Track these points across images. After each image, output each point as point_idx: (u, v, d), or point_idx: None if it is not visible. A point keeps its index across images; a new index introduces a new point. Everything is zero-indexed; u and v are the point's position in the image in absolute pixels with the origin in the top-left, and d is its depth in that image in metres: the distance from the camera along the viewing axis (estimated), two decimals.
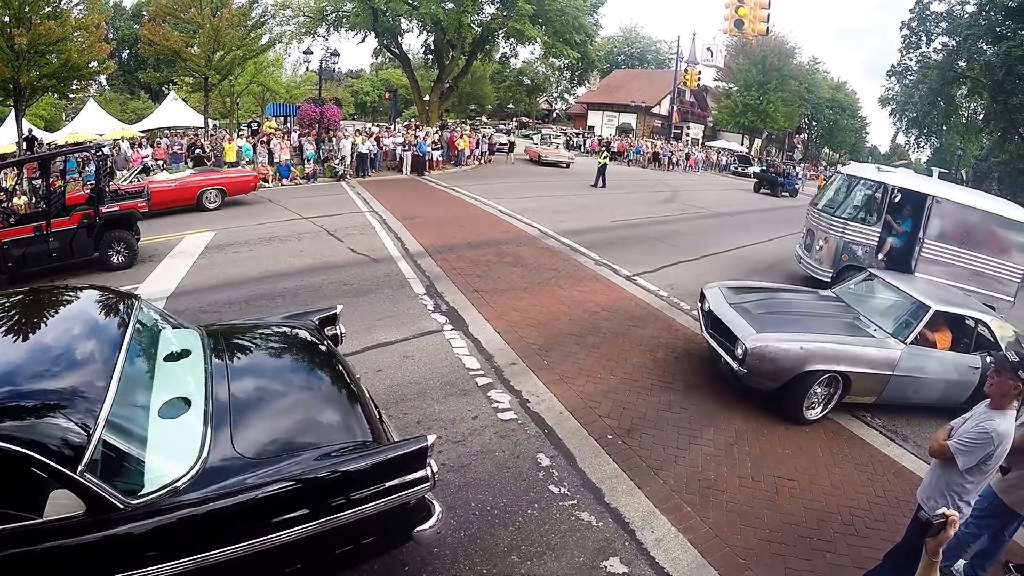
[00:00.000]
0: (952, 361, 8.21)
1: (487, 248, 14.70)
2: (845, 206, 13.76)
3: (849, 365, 7.67)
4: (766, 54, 63.17)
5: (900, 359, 7.83)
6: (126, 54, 66.60)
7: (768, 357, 7.48)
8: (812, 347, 7.56)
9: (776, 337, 7.64)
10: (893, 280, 9.49)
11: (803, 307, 9.08)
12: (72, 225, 12.23)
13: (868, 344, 7.91)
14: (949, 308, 8.56)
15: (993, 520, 4.99)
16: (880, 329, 8.30)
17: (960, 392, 8.31)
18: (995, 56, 36.82)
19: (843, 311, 9.03)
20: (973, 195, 14.09)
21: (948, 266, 12.88)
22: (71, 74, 25.26)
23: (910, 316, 8.40)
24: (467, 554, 4.98)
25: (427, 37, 47.45)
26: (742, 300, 8.95)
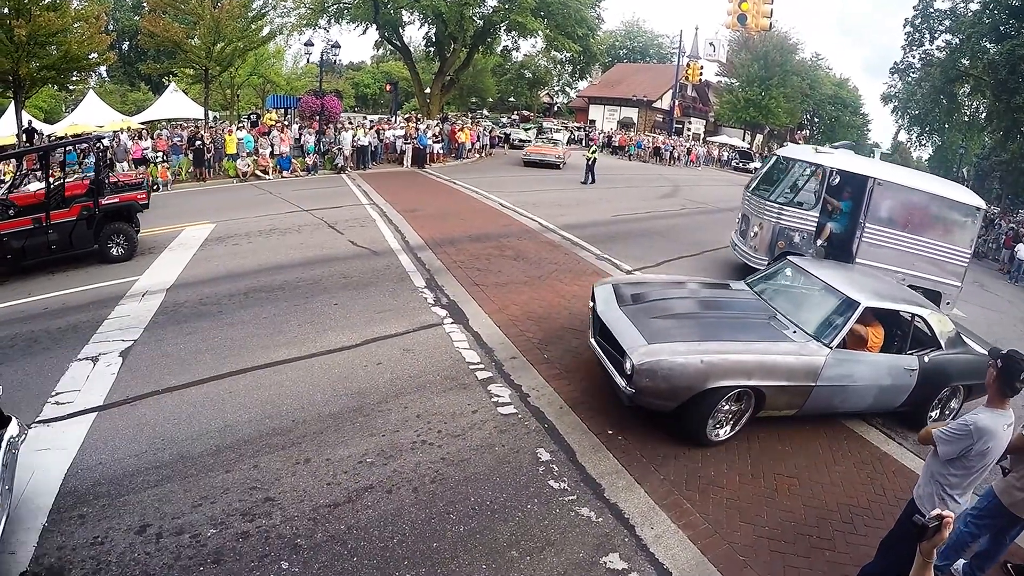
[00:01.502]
0: (885, 364, 7.38)
1: (488, 242, 14.67)
2: (781, 190, 13.14)
3: (762, 378, 6.63)
4: (768, 49, 63.01)
5: (824, 366, 6.86)
6: (126, 45, 66.27)
7: (660, 375, 6.31)
8: (715, 359, 6.45)
9: (671, 349, 6.50)
10: (816, 270, 8.46)
11: (709, 307, 8.13)
12: (72, 217, 12.19)
13: (785, 351, 6.87)
14: (881, 303, 7.60)
15: (992, 521, 4.99)
16: (800, 331, 7.27)
17: (894, 397, 7.60)
18: (998, 55, 36.73)
19: (757, 309, 7.95)
20: (917, 176, 13.67)
21: (892, 251, 12.34)
22: (71, 65, 25.23)
23: (836, 314, 7.42)
24: (467, 548, 4.98)
25: (428, 29, 47.33)
26: (636, 301, 7.79)
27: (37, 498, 5.25)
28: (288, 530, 5.03)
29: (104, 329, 9.04)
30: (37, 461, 5.78)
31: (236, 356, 8.15)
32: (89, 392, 7.15)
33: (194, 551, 4.75)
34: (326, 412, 6.86)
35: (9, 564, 4.55)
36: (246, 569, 4.62)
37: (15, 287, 11.11)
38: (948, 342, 7.88)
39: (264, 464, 5.85)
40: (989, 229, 30.88)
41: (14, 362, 7.94)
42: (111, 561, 4.61)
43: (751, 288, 8.67)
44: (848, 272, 9.10)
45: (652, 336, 6.73)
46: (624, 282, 8.72)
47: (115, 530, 4.93)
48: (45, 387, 7.25)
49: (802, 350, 6.95)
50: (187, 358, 8.07)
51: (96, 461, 5.81)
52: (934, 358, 7.63)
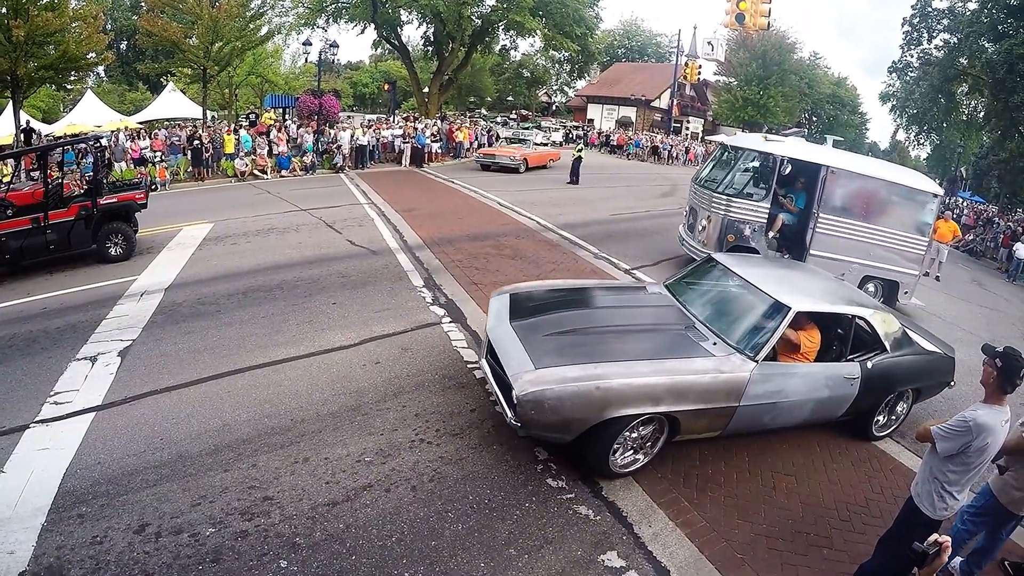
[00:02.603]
0: (822, 375, 6.62)
1: (486, 241, 14.68)
2: (729, 180, 12.61)
3: (673, 403, 5.77)
4: (767, 49, 63.02)
5: (749, 383, 6.04)
6: (124, 45, 66.28)
7: (548, 406, 5.42)
8: (614, 385, 5.55)
9: (561, 374, 5.57)
10: (741, 269, 7.56)
11: (617, 318, 7.10)
12: (70, 217, 12.19)
13: (701, 369, 5.99)
14: (816, 305, 6.86)
15: (989, 519, 5.00)
16: (722, 342, 6.44)
17: (834, 408, 6.91)
18: (996, 54, 36.73)
19: (673, 318, 7.07)
20: (871, 163, 13.36)
21: (847, 241, 12.04)
22: (69, 65, 25.19)
23: (763, 321, 6.60)
24: (465, 547, 4.99)
25: (427, 29, 47.35)
26: (533, 313, 6.91)
27: (36, 498, 5.25)
28: (287, 529, 5.03)
29: (102, 329, 9.04)
30: (36, 461, 5.78)
31: (234, 355, 8.16)
32: (88, 392, 7.15)
33: (193, 550, 4.76)
34: (324, 411, 6.86)
35: (8, 563, 4.56)
36: (245, 568, 4.63)
37: (13, 287, 11.10)
38: (894, 343, 7.18)
39: (263, 463, 5.85)
40: (987, 228, 30.90)
41: (13, 362, 7.94)
42: (110, 560, 4.62)
43: (670, 292, 7.79)
44: (780, 270, 8.35)
45: (541, 358, 5.82)
46: (526, 290, 7.80)
47: (114, 529, 4.93)
48: (43, 387, 7.25)
49: (722, 366, 6.08)
50: (185, 358, 8.07)
51: (95, 461, 5.81)
52: (878, 363, 6.92)
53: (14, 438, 6.18)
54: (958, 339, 11.98)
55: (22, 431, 6.31)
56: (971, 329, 13.21)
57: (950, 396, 9.15)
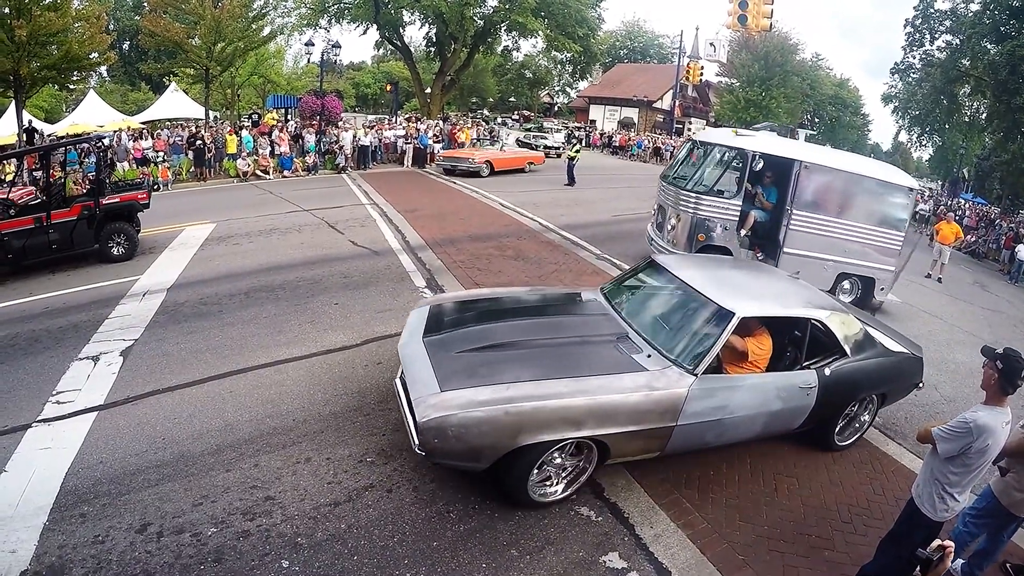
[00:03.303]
0: (773, 386, 6.05)
1: (488, 241, 14.68)
2: (699, 177, 12.19)
3: (597, 426, 5.21)
4: (769, 50, 63.02)
5: (687, 400, 5.46)
6: (127, 45, 66.30)
7: (452, 434, 4.87)
8: (527, 409, 4.97)
9: (467, 398, 5.01)
10: (681, 271, 6.95)
11: (543, 330, 6.31)
12: (72, 217, 12.21)
13: (631, 387, 5.38)
14: (764, 309, 6.28)
15: (991, 520, 5.00)
16: (658, 354, 5.83)
17: (789, 421, 6.38)
18: (999, 55, 36.74)
19: (606, 328, 6.41)
20: (845, 157, 13.03)
21: (821, 238, 11.76)
22: (71, 65, 25.27)
23: (704, 329, 5.99)
24: (467, 548, 4.99)
25: (429, 29, 47.45)
26: (449, 327, 6.33)
27: (38, 497, 5.26)
28: (289, 529, 5.04)
29: (105, 328, 9.05)
30: (38, 460, 5.80)
31: (237, 355, 8.16)
32: (90, 391, 7.16)
33: (195, 550, 4.76)
34: (326, 411, 6.86)
35: (10, 562, 4.56)
36: (247, 568, 4.63)
37: (16, 286, 11.13)
38: (855, 347, 6.67)
39: (265, 463, 5.86)
40: (989, 229, 30.87)
41: (15, 361, 7.95)
42: (112, 560, 4.62)
43: (606, 298, 7.14)
44: (727, 271, 7.79)
45: (449, 379, 5.26)
46: (447, 301, 7.34)
47: (116, 529, 4.93)
48: (46, 386, 7.27)
49: (656, 382, 5.47)
50: (188, 357, 8.08)
51: (97, 460, 5.82)
52: (838, 369, 6.43)
53: (16, 437, 6.19)
54: (960, 341, 12.02)
55: (24, 430, 6.32)
56: (973, 331, 13.18)
57: (952, 398, 9.18)
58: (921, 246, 24.58)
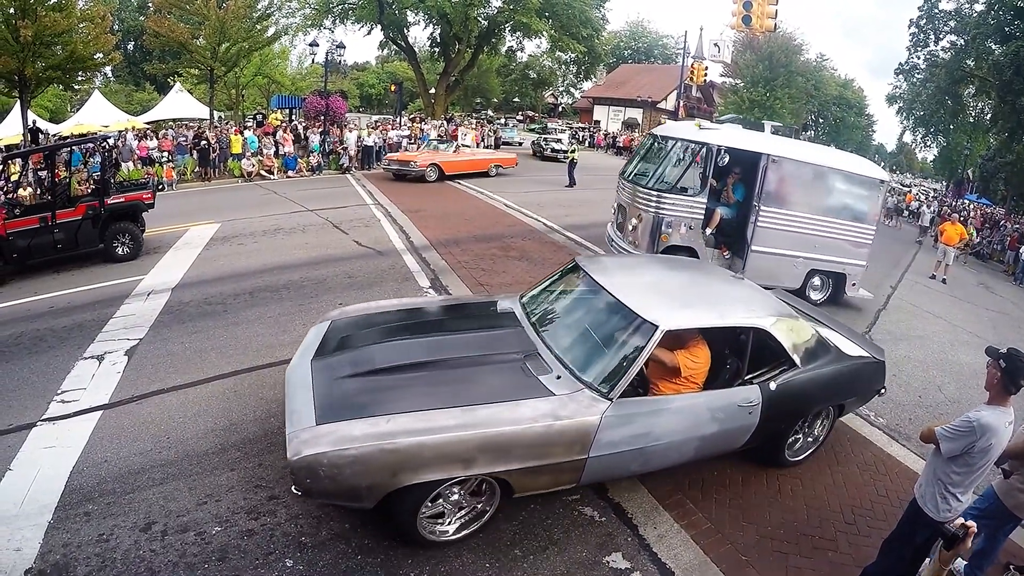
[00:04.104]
0: (706, 407, 5.44)
1: (492, 242, 14.68)
2: (661, 174, 11.63)
3: (491, 463, 4.63)
4: (773, 50, 62.83)
5: (600, 429, 4.85)
6: (131, 45, 66.46)
7: (324, 473, 4.31)
8: (406, 445, 4.39)
9: (343, 433, 4.42)
10: (604, 276, 6.19)
11: (446, 348, 5.67)
12: (77, 216, 12.25)
13: (532, 415, 4.73)
14: (694, 320, 5.62)
15: (992, 521, 4.98)
16: (569, 374, 5.18)
17: (729, 442, 5.81)
18: (1003, 56, 36.67)
19: (515, 343, 5.74)
20: (814, 150, 12.60)
21: (791, 235, 11.41)
22: (76, 65, 25.34)
23: (623, 344, 5.33)
24: (470, 548, 4.99)
25: (433, 30, 47.49)
26: (342, 348, 5.73)
27: (42, 495, 5.27)
28: (293, 528, 5.04)
29: (109, 328, 9.08)
30: (43, 458, 5.82)
31: (241, 355, 8.18)
32: (94, 390, 7.18)
33: (199, 548, 4.77)
34: None
35: (15, 560, 4.58)
36: (251, 567, 4.64)
37: (21, 286, 11.17)
38: (806, 355, 6.07)
39: (269, 462, 5.86)
40: (994, 230, 30.80)
41: (20, 360, 7.98)
42: (116, 558, 4.63)
43: (524, 308, 6.44)
44: (656, 274, 6.98)
45: (328, 410, 4.68)
46: (350, 315, 6.65)
47: (120, 527, 4.95)
48: (51, 385, 7.29)
49: (562, 409, 4.82)
50: (192, 357, 8.10)
51: (101, 459, 5.84)
52: (786, 382, 5.85)
53: (21, 436, 6.21)
54: (964, 342, 12.01)
55: (29, 429, 6.34)
56: (977, 332, 13.16)
57: (956, 399, 9.16)
58: (926, 247, 24.58)
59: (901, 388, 9.36)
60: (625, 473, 5.49)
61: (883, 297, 14.49)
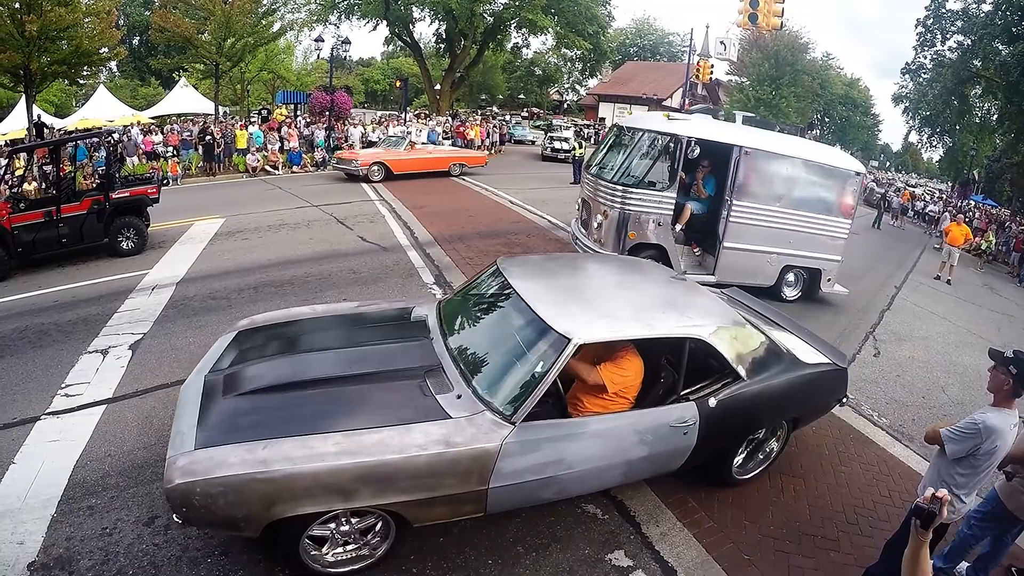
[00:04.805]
0: (630, 430, 4.90)
1: (497, 238, 14.68)
2: (627, 168, 11.04)
3: (375, 494, 4.19)
4: (779, 48, 62.69)
5: (501, 457, 4.36)
6: (137, 40, 66.51)
7: (198, 503, 3.92)
8: (281, 475, 3.96)
9: (219, 459, 3.99)
10: (521, 280, 5.61)
11: (346, 362, 5.14)
12: (82, 211, 12.27)
13: (420, 442, 4.24)
14: (614, 331, 5.02)
15: (995, 524, 4.98)
16: (471, 393, 4.68)
17: (662, 464, 5.30)
18: (1010, 56, 36.49)
19: (419, 357, 5.21)
20: (788, 141, 11.98)
21: (764, 230, 11.09)
22: (81, 60, 25.34)
23: (532, 359, 4.78)
24: (472, 544, 5.00)
25: (439, 26, 47.49)
26: (242, 360, 5.23)
27: (46, 489, 5.29)
28: None
29: (114, 322, 9.10)
30: (46, 452, 5.83)
31: None
32: (99, 384, 7.20)
33: (202, 543, 4.78)
34: None
35: (18, 553, 4.59)
36: (254, 561, 4.64)
37: (26, 280, 11.19)
38: (753, 366, 5.52)
39: None
40: (1000, 231, 30.72)
41: (24, 354, 7.99)
42: (119, 552, 4.65)
43: (439, 316, 5.85)
44: (583, 277, 6.36)
45: (209, 433, 4.27)
46: (258, 324, 6.16)
47: (124, 521, 4.96)
48: (55, 379, 7.31)
49: (456, 435, 4.33)
50: (196, 351, 8.07)
51: (105, 453, 5.85)
52: (728, 397, 5.31)
53: (25, 429, 6.23)
54: (968, 343, 11.99)
55: (33, 423, 6.36)
56: (981, 333, 13.13)
57: (959, 400, 9.14)
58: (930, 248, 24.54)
59: (905, 389, 9.36)
60: (539, 501, 4.95)
61: (887, 297, 14.48)
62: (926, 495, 2.88)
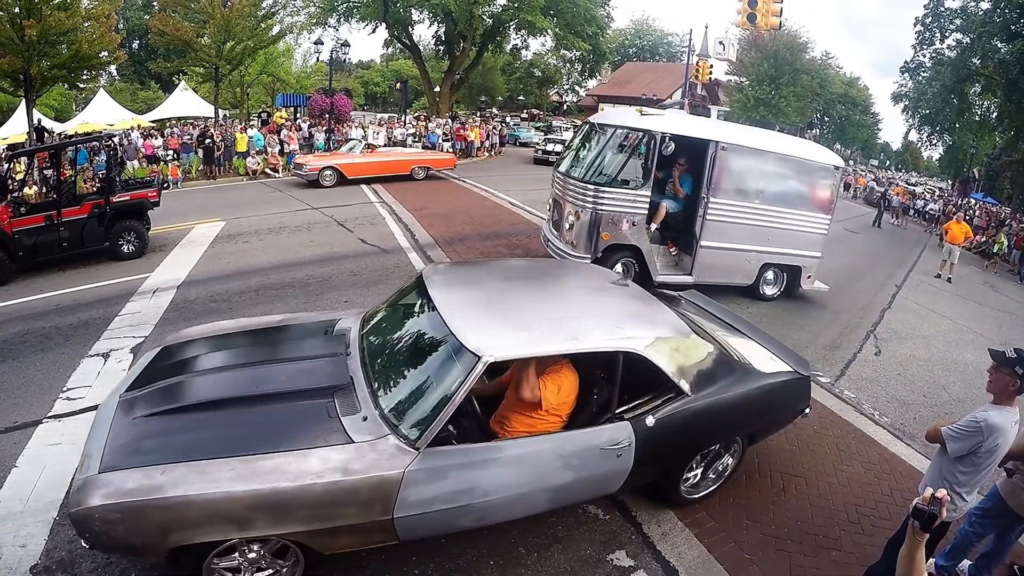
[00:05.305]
0: (552, 454, 4.55)
1: (497, 240, 14.68)
2: (600, 166, 10.63)
3: (273, 524, 3.95)
4: (778, 48, 62.66)
5: (404, 486, 4.06)
6: (136, 44, 66.62)
7: (97, 529, 3.77)
8: (175, 502, 3.76)
9: (118, 484, 3.81)
10: (438, 288, 5.22)
11: (262, 379, 4.86)
12: (83, 215, 12.28)
13: (319, 469, 3.97)
14: (534, 347, 4.58)
15: (997, 521, 4.98)
16: (379, 415, 4.34)
17: (596, 488, 4.99)
18: (1009, 54, 36.50)
19: (330, 375, 4.85)
20: (765, 136, 11.80)
21: (742, 228, 10.87)
22: (81, 64, 25.30)
23: (440, 378, 4.44)
24: (474, 544, 5.00)
25: (438, 28, 47.41)
26: (161, 377, 4.92)
27: (48, 492, 5.30)
28: None
29: (115, 326, 9.12)
30: (48, 456, 5.84)
31: None
32: (100, 388, 7.18)
33: None
34: None
35: (20, 556, 4.60)
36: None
37: (27, 284, 11.21)
38: (699, 380, 5.13)
39: None
40: (1000, 230, 30.67)
41: (26, 358, 8.01)
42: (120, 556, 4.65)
43: (362, 330, 5.46)
44: (508, 284, 5.67)
45: (115, 456, 4.04)
46: (183, 339, 5.81)
47: None
48: (56, 383, 7.33)
49: (354, 462, 4.04)
50: None
51: None
52: (669, 415, 4.94)
53: (27, 433, 6.25)
54: (969, 341, 11.98)
55: (35, 426, 6.38)
56: (982, 331, 13.12)
57: (961, 399, 9.13)
58: (931, 246, 24.52)
59: (906, 387, 9.36)
60: (459, 529, 4.59)
61: (888, 296, 14.47)
62: (925, 495, 2.87)
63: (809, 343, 10.33)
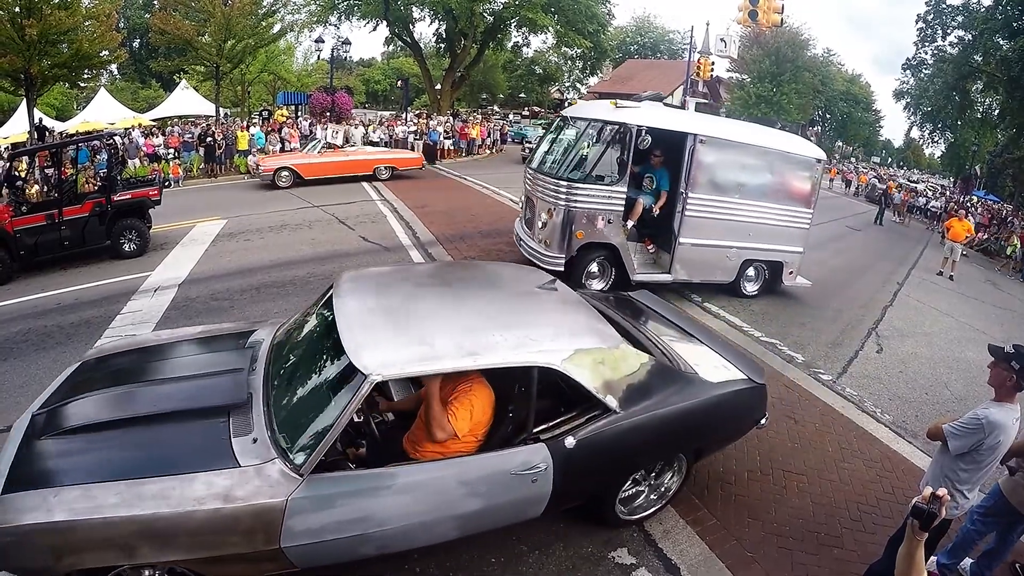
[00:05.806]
0: (454, 480, 4.19)
1: (498, 237, 14.66)
2: (572, 161, 10.30)
3: (157, 551, 3.70)
4: (780, 45, 62.60)
5: (288, 514, 3.78)
6: (137, 43, 66.52)
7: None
8: (62, 527, 3.58)
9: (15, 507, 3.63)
10: (342, 297, 4.86)
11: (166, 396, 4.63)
12: (84, 213, 12.29)
13: (203, 495, 3.72)
14: (432, 363, 4.13)
15: (999, 519, 4.98)
16: (269, 437, 4.06)
17: (513, 513, 4.57)
18: (1012, 51, 36.42)
19: (230, 391, 4.51)
20: (744, 128, 11.42)
21: (722, 224, 10.56)
22: (82, 63, 25.38)
23: (327, 397, 4.21)
24: (476, 542, 4.98)
25: (439, 26, 47.48)
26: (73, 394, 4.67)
27: None
28: None
29: (116, 324, 9.13)
30: None
31: None
32: None
33: None
34: None
35: None
36: None
37: (28, 282, 11.22)
38: (629, 395, 4.71)
39: None
40: (1002, 227, 30.64)
41: (27, 357, 8.01)
42: None
43: (273, 342, 5.20)
44: (421, 292, 5.10)
45: (18, 477, 3.85)
46: (102, 354, 5.54)
47: None
48: None
49: (240, 487, 3.78)
50: None
51: None
52: (593, 434, 4.55)
53: None
54: (971, 338, 11.97)
55: None
56: (984, 328, 13.11)
57: (962, 396, 9.12)
58: (933, 243, 24.51)
59: (908, 385, 9.35)
60: (359, 557, 4.22)
61: (890, 294, 14.46)
62: (924, 494, 2.86)
63: (811, 340, 10.33)
